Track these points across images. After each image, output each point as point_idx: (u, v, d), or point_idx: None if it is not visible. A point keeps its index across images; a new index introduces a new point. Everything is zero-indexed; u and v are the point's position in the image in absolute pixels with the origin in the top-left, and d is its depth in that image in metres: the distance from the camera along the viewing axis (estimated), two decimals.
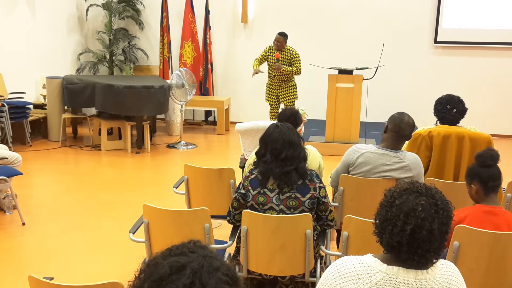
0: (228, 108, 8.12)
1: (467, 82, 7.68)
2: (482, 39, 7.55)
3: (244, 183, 2.50)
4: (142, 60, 8.58)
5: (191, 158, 6.26)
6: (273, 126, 2.50)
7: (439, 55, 7.80)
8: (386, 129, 2.91)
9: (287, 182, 2.39)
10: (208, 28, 8.06)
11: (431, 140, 3.29)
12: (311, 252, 2.38)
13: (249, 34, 8.29)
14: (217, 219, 3.73)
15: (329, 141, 6.55)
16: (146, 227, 2.51)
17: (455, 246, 2.18)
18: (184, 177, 3.25)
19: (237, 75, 8.41)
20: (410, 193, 1.36)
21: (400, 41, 7.73)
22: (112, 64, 8.35)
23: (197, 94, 7.65)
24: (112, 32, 8.25)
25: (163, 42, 8.05)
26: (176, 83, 6.73)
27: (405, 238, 1.31)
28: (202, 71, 8.12)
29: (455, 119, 3.30)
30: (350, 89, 6.44)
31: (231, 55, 8.39)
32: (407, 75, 7.84)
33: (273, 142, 2.41)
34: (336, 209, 3.05)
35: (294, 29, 8.04)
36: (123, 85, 6.24)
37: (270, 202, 2.42)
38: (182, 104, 6.91)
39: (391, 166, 2.84)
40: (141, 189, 5.05)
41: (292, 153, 2.39)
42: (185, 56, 8.17)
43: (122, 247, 3.63)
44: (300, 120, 3.05)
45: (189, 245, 1.01)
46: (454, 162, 3.27)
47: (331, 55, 7.73)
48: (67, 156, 6.34)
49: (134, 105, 6.27)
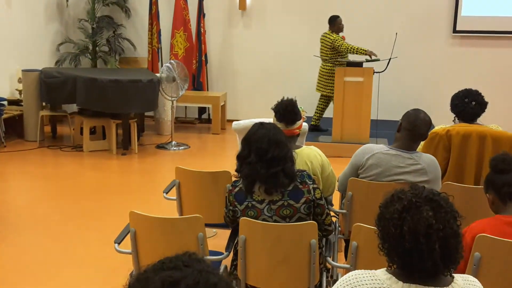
0: (224, 105, 8.12)
1: (489, 75, 7.68)
2: (506, 27, 7.55)
3: (229, 198, 2.50)
4: (128, 51, 8.57)
5: (183, 160, 6.25)
6: (257, 124, 2.51)
7: (458, 45, 7.80)
8: (400, 127, 2.91)
9: (274, 185, 2.38)
10: (202, 15, 8.06)
11: (449, 140, 3.29)
12: (316, 265, 2.38)
13: (247, 22, 8.29)
14: (212, 228, 3.73)
15: (336, 141, 6.54)
16: (133, 236, 2.51)
17: (476, 257, 2.18)
18: (175, 181, 3.25)
19: (234, 68, 8.42)
20: (411, 210, 1.38)
21: (415, 30, 7.73)
22: (95, 56, 8.34)
23: (189, 89, 7.65)
24: (95, 20, 8.24)
25: (152, 31, 8.04)
26: (166, 77, 6.73)
27: (439, 255, 1.34)
28: (195, 64, 8.12)
29: (475, 113, 3.30)
30: (359, 84, 6.44)
31: (228, 46, 8.39)
32: (423, 68, 7.84)
33: (257, 141, 2.42)
34: (344, 217, 3.05)
35: (298, 17, 8.04)
36: (108, 79, 6.24)
37: (262, 215, 2.42)
38: (173, 100, 6.91)
39: (405, 169, 2.85)
40: (127, 195, 5.05)
41: (278, 153, 2.39)
42: (176, 47, 8.17)
43: (106, 259, 3.62)
44: (298, 111, 3.07)
45: (183, 258, 1.00)
46: (475, 164, 3.27)
47: None
48: (45, 158, 6.34)
49: (120, 101, 6.27)
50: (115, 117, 6.47)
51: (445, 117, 4.57)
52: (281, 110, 3.00)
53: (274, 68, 8.22)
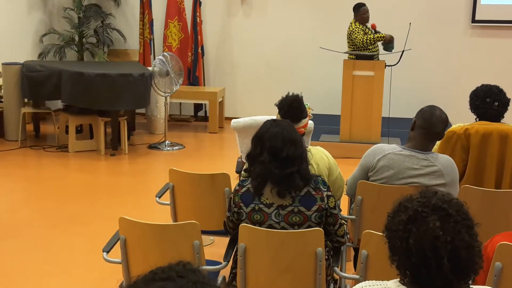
0: (222, 101, 8.12)
1: (509, 68, 7.67)
2: None
3: (235, 199, 2.50)
4: (118, 43, 8.58)
5: (177, 162, 6.25)
6: (270, 121, 2.52)
7: (478, 36, 7.79)
8: (414, 125, 2.91)
9: (289, 187, 2.39)
10: (198, 4, 8.06)
11: (468, 140, 3.29)
12: (323, 275, 2.38)
13: (247, 12, 8.29)
14: (209, 235, 3.73)
15: (345, 140, 6.54)
16: (123, 244, 2.51)
17: (497, 268, 2.18)
18: (169, 184, 3.25)
19: (233, 61, 8.41)
20: (416, 221, 1.38)
21: (430, 20, 7.72)
22: (82, 48, 8.34)
23: (184, 84, 7.65)
24: (82, 9, 8.24)
25: (143, 21, 8.04)
26: (159, 71, 6.73)
27: (449, 270, 1.33)
28: (190, 56, 8.12)
29: (499, 114, 3.30)
30: (370, 78, 6.43)
31: (226, 37, 8.39)
32: (439, 61, 7.84)
33: (271, 139, 2.42)
34: (353, 223, 3.05)
35: (302, 6, 8.03)
36: (95, 73, 6.24)
37: (269, 220, 2.42)
38: (166, 96, 6.91)
39: (420, 171, 2.84)
40: (116, 199, 5.05)
41: (294, 152, 2.40)
42: (170, 38, 8.17)
43: (94, 268, 3.61)
44: (304, 108, 3.07)
45: (177, 268, 1.00)
46: (496, 166, 3.27)
47: (344, 37, 7.72)
48: (28, 158, 6.34)
49: (109, 97, 6.27)
50: (104, 115, 6.47)
51: (463, 115, 4.57)
52: (286, 107, 3.01)
53: (277, 61, 8.21)
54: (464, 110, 4.18)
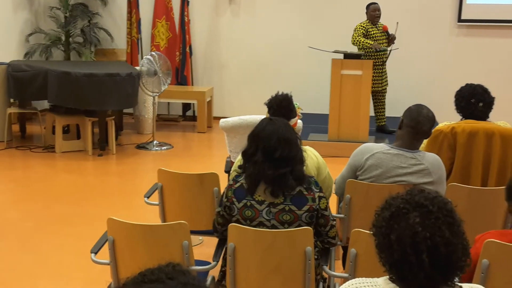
0: (210, 101, 8.11)
1: (497, 67, 7.74)
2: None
3: (227, 193, 2.50)
4: (105, 43, 8.53)
5: (166, 162, 6.24)
6: (266, 120, 2.52)
7: (464, 35, 7.85)
8: (401, 124, 2.94)
9: (282, 188, 2.39)
10: (186, 3, 8.05)
11: (454, 138, 3.31)
12: (312, 274, 2.39)
13: (235, 11, 8.28)
14: (198, 235, 3.72)
15: (333, 139, 6.56)
16: (111, 245, 2.50)
17: (484, 265, 2.20)
18: (157, 184, 3.25)
19: (221, 60, 8.41)
20: (398, 218, 1.40)
21: (417, 19, 7.77)
22: (68, 47, 8.29)
23: (172, 83, 7.63)
24: (68, 8, 8.19)
25: (131, 21, 8.01)
26: (147, 70, 6.71)
27: (429, 266, 1.34)
28: (179, 56, 8.10)
29: (483, 114, 3.33)
30: (358, 77, 6.46)
31: (214, 36, 8.38)
32: (426, 60, 7.89)
33: (266, 139, 2.43)
34: (342, 222, 3.07)
35: (291, 5, 8.04)
36: (82, 73, 6.21)
37: (260, 217, 2.42)
38: (154, 95, 6.89)
39: (407, 169, 2.87)
40: (104, 200, 5.03)
41: (288, 152, 2.40)
42: (158, 38, 8.14)
43: (82, 270, 3.60)
44: (293, 107, 3.09)
45: (166, 269, 1.00)
46: (482, 164, 3.30)
47: (335, 36, 7.75)
48: (14, 159, 6.29)
49: (96, 97, 6.24)
50: (91, 115, 6.44)
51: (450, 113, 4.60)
52: (275, 106, 3.02)
53: (266, 61, 8.22)
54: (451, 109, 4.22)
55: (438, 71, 7.91)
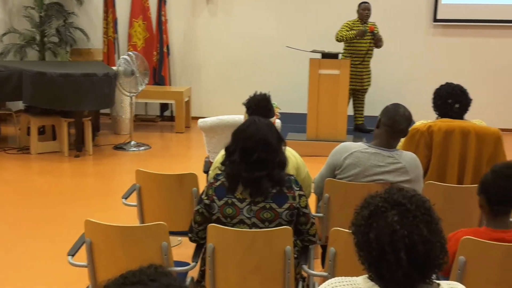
0: (188, 101, 8.08)
1: (473, 67, 7.86)
2: (490, 16, 7.73)
3: (208, 191, 2.49)
4: (81, 42, 8.44)
5: (143, 162, 6.21)
6: (251, 120, 2.51)
7: (439, 35, 7.95)
8: (379, 123, 2.97)
9: (257, 191, 2.39)
10: (163, 2, 8.01)
11: (431, 137, 3.35)
12: (292, 273, 2.40)
13: (213, 11, 8.27)
14: (177, 236, 3.71)
15: (311, 139, 6.59)
16: (88, 247, 2.48)
17: (460, 261, 2.23)
18: (135, 185, 3.23)
19: (199, 60, 8.38)
20: (376, 216, 1.41)
21: (393, 19, 7.84)
22: (43, 47, 8.19)
23: (150, 83, 7.59)
24: (43, 7, 8.09)
25: (107, 20, 7.94)
26: (124, 70, 6.66)
27: (407, 264, 1.35)
28: (156, 56, 8.06)
29: (458, 115, 3.38)
30: (335, 77, 6.50)
31: (192, 36, 8.35)
32: (402, 60, 7.97)
33: (245, 140, 2.43)
34: (321, 221, 3.08)
35: (269, 5, 8.05)
36: (58, 73, 6.14)
37: (240, 215, 2.42)
38: (132, 96, 6.84)
39: (385, 168, 2.89)
40: (81, 201, 4.98)
41: (266, 156, 2.39)
42: (135, 37, 8.09)
43: (59, 273, 3.56)
44: (272, 107, 3.09)
45: (148, 271, 0.99)
46: (458, 162, 3.35)
47: (312, 36, 7.79)
48: None
49: (72, 97, 6.18)
50: (67, 115, 6.39)
51: (426, 112, 4.66)
52: (254, 106, 3.03)
53: (243, 60, 8.22)
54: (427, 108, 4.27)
55: (415, 70, 7.99)
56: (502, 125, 7.41)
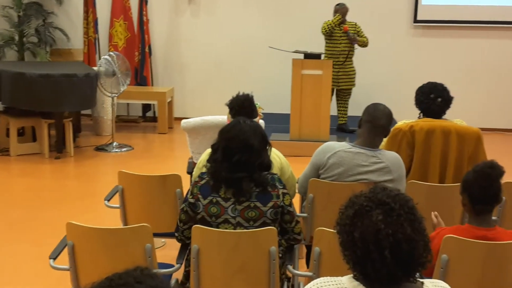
0: (171, 101, 8.05)
1: (452, 67, 7.95)
2: (469, 17, 7.83)
3: (193, 190, 2.49)
4: (61, 42, 8.36)
5: (126, 163, 6.17)
6: (237, 120, 2.51)
7: (420, 36, 8.03)
8: (360, 122, 3.01)
9: (239, 191, 2.39)
10: (144, 2, 7.96)
11: (413, 136, 3.38)
12: (277, 274, 2.40)
13: (195, 11, 8.24)
14: (161, 238, 3.69)
15: (295, 139, 6.61)
16: (70, 250, 2.45)
17: (443, 260, 2.26)
18: (118, 187, 3.20)
19: (182, 60, 8.35)
20: (361, 215, 1.42)
21: (374, 20, 7.89)
22: (22, 48, 8.09)
23: (132, 84, 7.53)
24: (21, 7, 7.99)
25: (87, 20, 7.87)
26: (105, 71, 6.62)
27: (392, 262, 1.36)
28: (137, 56, 8.01)
29: (440, 110, 3.42)
30: (318, 77, 6.52)
31: (174, 36, 8.32)
32: (383, 61, 8.02)
33: (228, 140, 2.43)
34: (305, 221, 3.09)
35: (251, 5, 8.06)
36: (38, 74, 6.08)
37: (225, 214, 2.42)
38: (113, 96, 6.80)
39: (368, 167, 2.91)
40: (63, 204, 4.94)
41: (247, 159, 2.39)
42: (116, 37, 8.03)
43: (40, 277, 3.52)
44: (255, 107, 3.10)
45: (134, 273, 0.99)
46: (439, 161, 3.38)
47: (295, 36, 7.81)
48: None
49: (52, 98, 6.12)
50: (47, 116, 6.33)
51: (407, 112, 4.70)
52: (237, 106, 3.03)
53: (226, 61, 8.21)
54: (408, 108, 4.30)
55: (395, 71, 8.06)
56: (483, 125, 7.51)
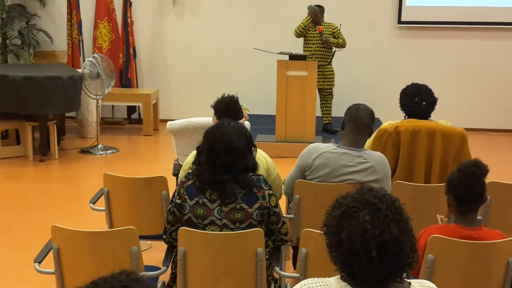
0: (156, 103, 8.02)
1: (437, 67, 8.02)
2: (453, 18, 7.91)
3: (180, 191, 2.48)
4: (45, 45, 8.29)
5: (111, 166, 6.14)
6: (221, 122, 2.50)
7: (404, 37, 8.09)
8: (343, 124, 3.03)
9: (223, 193, 2.39)
10: (128, 4, 7.92)
11: (398, 137, 3.40)
12: (263, 275, 2.40)
13: (180, 13, 8.22)
14: (147, 240, 3.67)
15: (280, 140, 6.62)
16: (56, 254, 2.43)
17: (429, 260, 2.27)
18: (103, 189, 3.18)
19: (166, 62, 8.33)
20: (348, 216, 1.43)
21: (358, 21, 7.94)
22: (5, 50, 8.02)
23: (116, 86, 7.49)
24: (4, 9, 7.92)
25: (71, 22, 7.82)
26: (89, 73, 6.58)
27: (379, 263, 1.36)
28: (122, 58, 7.97)
29: (426, 113, 3.44)
30: (303, 78, 6.54)
31: (159, 38, 8.29)
32: (367, 61, 8.07)
33: (212, 142, 2.43)
34: (292, 222, 3.09)
35: (235, 7, 8.06)
36: (21, 76, 6.03)
37: (211, 216, 2.41)
38: (98, 98, 6.76)
39: (354, 168, 2.92)
40: (48, 207, 4.90)
41: (231, 161, 2.38)
42: (100, 39, 7.99)
43: (25, 280, 3.49)
44: (240, 109, 3.10)
45: (120, 277, 0.98)
46: (424, 162, 3.40)
47: (279, 38, 7.82)
48: None
49: (36, 101, 6.07)
50: (31, 119, 6.27)
51: (392, 113, 4.73)
52: (222, 108, 3.02)
53: (211, 62, 8.20)
54: (392, 108, 4.33)
55: (380, 72, 8.11)
56: (468, 125, 7.58)
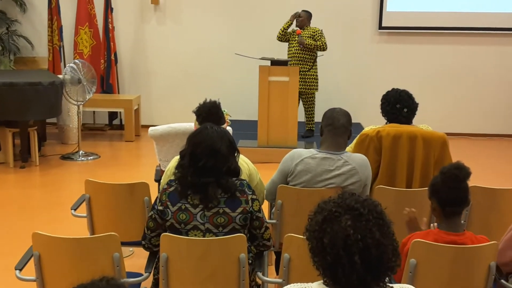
0: (138, 109, 7.98)
1: (417, 73, 8.11)
2: (433, 23, 8.00)
3: (162, 197, 2.46)
4: (25, 50, 8.22)
5: (93, 172, 6.09)
6: (204, 126, 2.51)
7: (385, 42, 8.17)
8: (321, 129, 3.04)
9: (205, 197, 2.38)
10: (109, 10, 7.89)
11: (380, 142, 3.42)
12: (246, 281, 2.39)
13: (161, 18, 8.21)
14: (129, 246, 3.65)
15: (262, 145, 6.62)
16: (37, 261, 2.40)
17: (411, 264, 2.28)
18: (85, 195, 3.16)
19: (148, 68, 8.30)
20: (330, 221, 1.43)
21: (339, 26, 8.00)
22: None
23: (98, 92, 7.45)
24: None
25: (52, 28, 7.76)
26: (70, 79, 6.53)
27: (361, 267, 1.37)
28: (103, 64, 7.93)
29: (407, 120, 3.46)
30: (285, 83, 6.56)
31: (140, 44, 8.27)
32: (348, 66, 8.13)
33: (194, 145, 2.42)
34: (274, 227, 3.09)
35: (217, 13, 8.07)
36: (1, 82, 5.97)
37: (194, 220, 2.40)
38: (79, 104, 6.71)
39: (335, 171, 2.93)
40: (29, 214, 4.85)
41: (213, 164, 2.38)
42: (81, 45, 7.93)
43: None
44: (222, 114, 3.10)
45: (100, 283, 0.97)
46: (406, 166, 3.42)
47: (260, 43, 7.84)
48: None
49: (16, 107, 6.01)
50: (11, 125, 6.22)
51: (372, 118, 4.76)
52: (204, 114, 3.02)
53: (193, 68, 8.20)
54: (373, 113, 4.35)
55: (361, 77, 8.17)
56: (448, 129, 7.67)
